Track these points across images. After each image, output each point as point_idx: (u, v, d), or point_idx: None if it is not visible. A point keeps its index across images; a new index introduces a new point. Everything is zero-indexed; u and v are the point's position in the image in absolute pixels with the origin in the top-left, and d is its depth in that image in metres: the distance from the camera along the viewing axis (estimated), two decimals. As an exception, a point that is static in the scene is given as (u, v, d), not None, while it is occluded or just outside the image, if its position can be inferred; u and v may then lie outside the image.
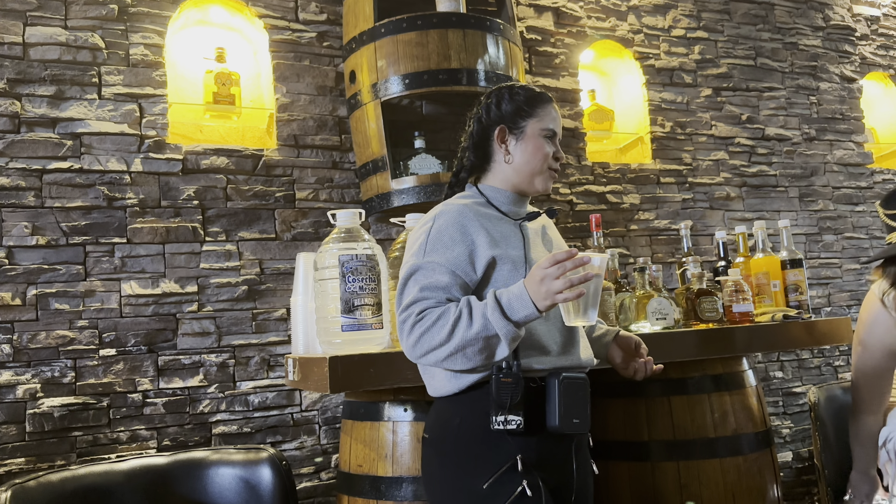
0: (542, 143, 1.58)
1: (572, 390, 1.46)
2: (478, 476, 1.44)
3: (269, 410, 2.56)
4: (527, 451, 1.45)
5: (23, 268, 2.32)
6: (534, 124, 1.59)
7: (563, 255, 1.33)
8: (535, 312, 1.36)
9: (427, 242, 1.49)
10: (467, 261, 1.47)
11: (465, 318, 1.39)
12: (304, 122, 2.76)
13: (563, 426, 1.44)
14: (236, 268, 2.58)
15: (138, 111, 2.52)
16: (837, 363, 3.71)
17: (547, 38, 3.26)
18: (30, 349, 2.29)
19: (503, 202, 1.60)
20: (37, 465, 2.24)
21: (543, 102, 1.62)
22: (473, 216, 1.52)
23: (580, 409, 1.47)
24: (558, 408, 1.44)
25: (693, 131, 3.53)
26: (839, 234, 3.81)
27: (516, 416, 1.41)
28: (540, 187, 1.60)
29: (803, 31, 3.91)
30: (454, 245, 1.48)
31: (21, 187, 2.35)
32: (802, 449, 3.51)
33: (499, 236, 1.52)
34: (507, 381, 1.41)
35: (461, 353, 1.40)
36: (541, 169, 1.58)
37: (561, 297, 1.32)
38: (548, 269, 1.33)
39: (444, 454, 1.51)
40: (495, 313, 1.36)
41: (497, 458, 1.44)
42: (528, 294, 1.35)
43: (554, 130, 1.61)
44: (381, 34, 2.52)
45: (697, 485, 2.08)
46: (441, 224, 1.51)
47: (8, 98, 2.37)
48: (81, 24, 2.49)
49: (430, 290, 1.44)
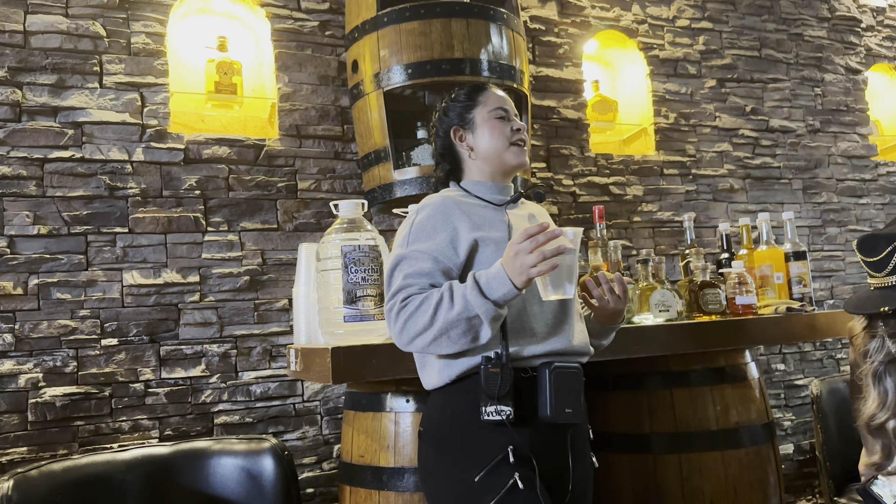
0: (495, 122, 1.61)
1: (564, 379, 1.45)
2: (470, 469, 1.43)
3: (271, 401, 2.56)
4: (519, 442, 1.43)
5: (24, 257, 2.31)
6: (481, 111, 1.63)
7: (534, 228, 1.34)
8: (514, 289, 1.36)
9: (410, 233, 1.53)
10: (449, 246, 1.50)
11: (446, 301, 1.40)
12: (307, 111, 2.75)
13: (554, 416, 1.43)
14: (238, 258, 2.58)
15: (140, 100, 2.51)
16: (839, 356, 3.70)
17: (551, 27, 3.24)
18: (31, 338, 2.29)
19: (485, 192, 1.63)
20: (39, 455, 2.25)
21: (482, 90, 1.66)
22: (455, 204, 1.56)
23: (573, 398, 1.46)
24: (549, 397, 1.43)
25: (697, 122, 3.51)
26: (843, 227, 3.80)
27: (506, 407, 1.40)
28: (513, 161, 1.62)
29: (808, 21, 3.89)
30: (436, 233, 1.51)
31: (22, 176, 2.34)
32: (804, 441, 3.51)
33: (481, 220, 1.54)
34: (496, 370, 1.41)
35: (445, 336, 1.41)
36: (504, 145, 1.61)
37: (535, 270, 1.32)
38: (521, 243, 1.34)
39: (437, 447, 1.51)
40: (473, 293, 1.38)
41: (489, 450, 1.43)
42: (504, 272, 1.36)
43: (503, 108, 1.63)
44: (383, 23, 2.50)
45: (699, 477, 2.08)
46: (425, 215, 1.55)
47: (9, 86, 2.35)
48: (82, 12, 2.47)
49: (413, 277, 1.47)
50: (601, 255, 2.27)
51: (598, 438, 1.68)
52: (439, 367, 1.51)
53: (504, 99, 1.66)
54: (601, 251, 2.28)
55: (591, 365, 1.85)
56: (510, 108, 1.66)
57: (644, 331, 2.07)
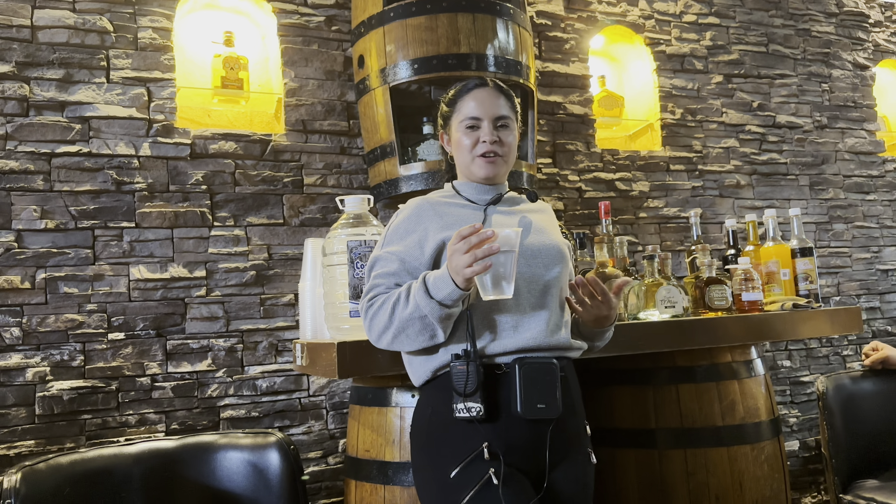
0: (462, 135, 1.61)
1: (534, 374, 1.44)
2: (447, 465, 1.45)
3: (276, 395, 2.57)
4: (494, 438, 1.44)
5: (32, 251, 2.32)
6: (454, 120, 1.64)
7: (467, 230, 1.37)
8: (457, 289, 1.38)
9: (386, 236, 1.60)
10: (417, 246, 1.54)
11: (402, 300, 1.46)
12: (313, 107, 2.75)
13: (525, 412, 1.42)
14: (244, 253, 2.58)
15: (146, 95, 2.52)
16: (846, 352, 3.69)
17: (557, 22, 3.23)
18: (39, 332, 2.30)
19: (469, 192, 1.65)
20: (46, 448, 2.26)
21: (462, 94, 1.64)
22: (430, 206, 1.60)
23: (546, 393, 1.44)
24: (519, 393, 1.43)
25: (703, 118, 3.50)
26: (850, 223, 3.79)
27: (475, 404, 1.41)
28: (479, 174, 1.62)
29: (816, 17, 3.87)
30: (408, 235, 1.56)
31: (30, 171, 2.35)
32: (809, 438, 3.51)
33: (453, 220, 1.56)
34: (462, 367, 1.42)
35: (403, 333, 1.47)
36: (469, 159, 1.61)
37: (469, 270, 1.35)
38: (455, 244, 1.37)
39: (419, 444, 1.55)
40: (420, 292, 1.42)
41: (464, 447, 1.44)
42: (448, 272, 1.39)
43: (473, 117, 1.60)
44: (389, 18, 2.50)
45: (704, 473, 2.08)
46: (399, 218, 1.61)
47: (17, 81, 2.36)
48: (90, 6, 2.48)
49: (381, 277, 1.54)
50: (607, 251, 2.27)
51: (603, 434, 1.68)
52: (418, 364, 1.56)
53: (483, 104, 1.61)
54: (607, 247, 2.28)
55: (597, 360, 1.85)
56: (486, 113, 1.60)
57: (650, 327, 2.06)
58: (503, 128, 1.62)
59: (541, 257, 1.56)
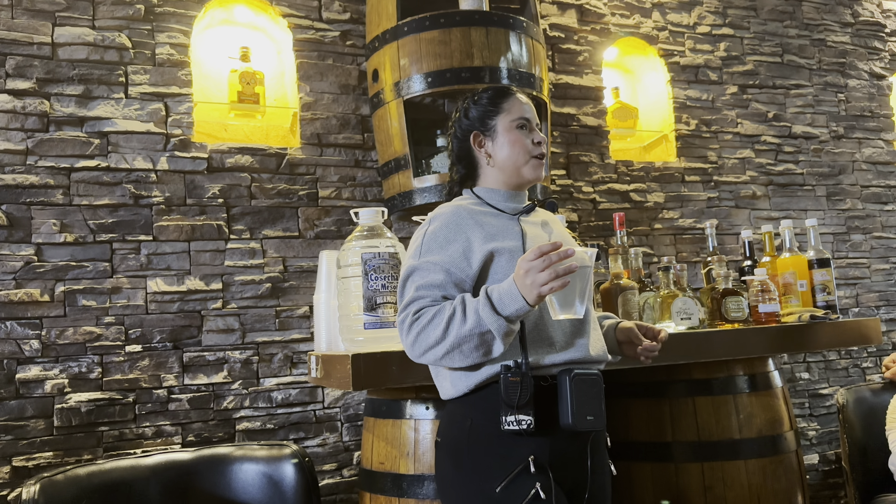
0: (517, 134, 1.59)
1: (584, 387, 1.43)
2: (491, 479, 1.42)
3: (291, 407, 2.58)
4: (539, 451, 1.42)
5: (51, 264, 2.35)
6: (503, 119, 1.60)
7: (547, 246, 1.33)
8: (526, 306, 1.35)
9: (423, 244, 1.52)
10: (462, 257, 1.48)
11: (458, 315, 1.40)
12: (328, 120, 2.77)
13: (576, 424, 1.41)
14: (260, 265, 2.60)
15: (164, 110, 2.55)
16: (865, 364, 3.65)
17: (570, 35, 3.24)
18: (58, 345, 2.33)
19: (499, 200, 1.61)
20: (64, 459, 2.28)
21: (507, 96, 1.62)
22: (468, 214, 1.54)
23: (594, 405, 1.44)
24: (571, 405, 1.41)
25: (718, 129, 3.49)
26: (868, 234, 3.75)
27: (526, 416, 1.39)
28: (530, 176, 1.60)
29: (831, 27, 3.85)
30: (449, 244, 1.50)
31: (50, 185, 2.38)
32: (829, 451, 3.46)
33: (495, 230, 1.52)
34: (515, 380, 1.40)
35: (457, 350, 1.41)
36: (524, 160, 1.59)
37: (546, 288, 1.32)
38: (532, 261, 1.33)
39: (456, 457, 1.49)
40: (486, 308, 1.37)
41: (509, 460, 1.42)
42: (516, 288, 1.35)
43: (525, 118, 1.60)
44: (403, 32, 2.52)
45: (722, 486, 2.06)
46: (437, 225, 1.53)
47: (37, 97, 2.40)
48: (109, 24, 2.52)
49: (425, 289, 1.46)
50: (622, 263, 2.26)
51: (620, 446, 1.67)
52: (457, 377, 1.50)
53: (528, 108, 1.63)
54: (622, 258, 2.27)
55: (613, 373, 1.84)
56: (533, 117, 1.63)
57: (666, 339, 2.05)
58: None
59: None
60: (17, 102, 2.37)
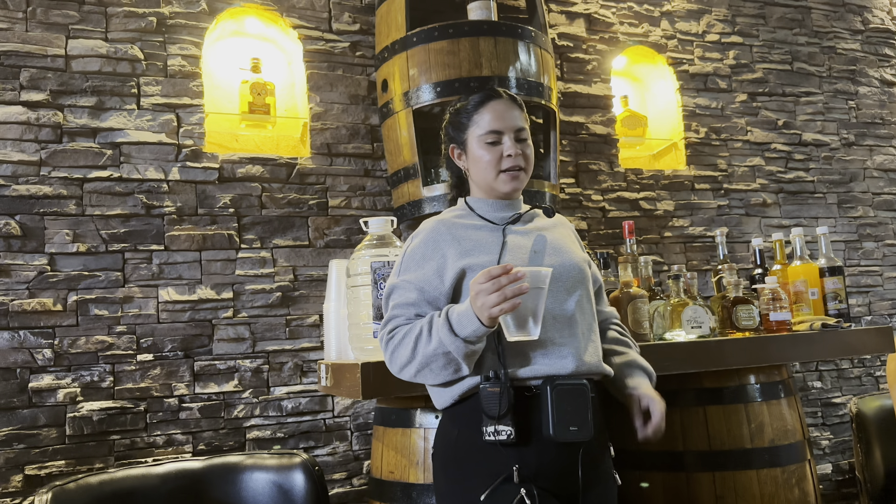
0: (483, 150, 1.56)
1: (567, 397, 1.41)
2: (475, 488, 1.41)
3: (302, 416, 2.58)
4: (523, 462, 1.40)
5: (64, 274, 2.37)
6: (472, 134, 1.57)
7: (497, 269, 1.32)
8: (482, 327, 1.35)
9: (402, 262, 1.56)
10: (435, 275, 1.50)
11: (424, 335, 1.42)
12: (337, 130, 2.79)
13: (557, 435, 1.39)
14: (270, 274, 2.61)
15: (176, 121, 2.57)
16: (878, 373, 3.61)
17: (579, 44, 3.25)
18: (70, 354, 2.35)
19: (486, 210, 1.60)
20: (76, 468, 2.29)
21: (478, 107, 1.58)
22: (447, 230, 1.55)
23: (578, 416, 1.41)
24: (552, 416, 1.39)
25: (728, 137, 3.48)
26: (880, 242, 3.73)
27: (505, 427, 1.38)
28: (503, 189, 1.57)
29: (841, 34, 3.84)
30: (424, 262, 1.52)
31: (63, 196, 2.40)
32: (843, 461, 3.43)
33: (471, 245, 1.51)
34: (494, 390, 1.39)
35: (427, 368, 1.43)
36: (493, 175, 1.56)
37: (496, 310, 1.31)
38: (482, 283, 1.32)
39: (445, 467, 1.51)
40: (444, 329, 1.38)
41: (493, 470, 1.41)
42: (472, 310, 1.35)
43: (495, 130, 1.55)
44: (412, 43, 2.54)
45: (734, 496, 2.05)
46: (416, 243, 1.56)
47: (51, 109, 2.43)
48: (121, 36, 2.55)
49: (400, 307, 1.50)
50: (631, 271, 2.26)
51: (629, 456, 1.66)
52: (440, 389, 1.52)
53: (506, 115, 1.57)
54: (631, 267, 2.27)
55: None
56: (510, 124, 1.56)
57: (676, 347, 2.04)
58: (523, 141, 1.57)
59: (562, 280, 1.52)
60: (32, 114, 2.40)
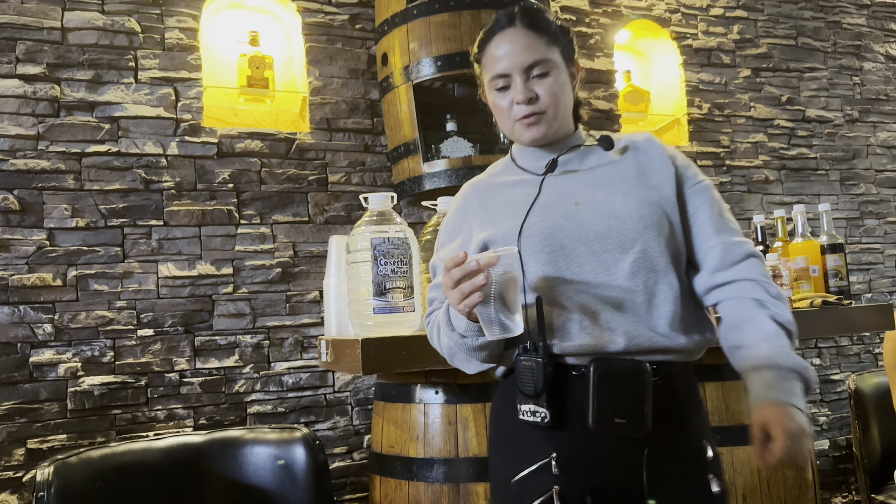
0: (495, 97, 1.35)
1: (614, 381, 1.16)
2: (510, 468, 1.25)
3: (302, 391, 2.59)
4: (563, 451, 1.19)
5: (63, 249, 2.37)
6: (485, 77, 1.37)
7: (450, 262, 1.13)
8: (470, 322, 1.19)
9: (440, 237, 1.47)
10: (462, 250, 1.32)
11: (443, 327, 1.30)
12: (337, 105, 2.77)
13: (598, 426, 1.16)
14: (270, 250, 2.61)
15: (174, 95, 2.55)
16: (877, 350, 3.63)
17: (582, 18, 3.21)
18: (70, 329, 2.35)
19: (524, 160, 1.40)
20: (78, 442, 2.30)
21: (485, 44, 1.35)
22: (476, 195, 1.40)
23: (627, 405, 1.16)
24: (592, 402, 1.16)
25: (731, 113, 3.45)
26: (882, 219, 3.71)
27: (541, 408, 1.18)
28: (524, 140, 1.36)
29: (847, 9, 3.80)
30: (454, 236, 1.41)
31: (61, 170, 2.39)
32: (840, 437, 3.45)
33: (497, 211, 1.34)
34: (528, 364, 1.18)
35: (455, 358, 1.34)
36: (509, 126, 1.36)
37: (462, 307, 1.13)
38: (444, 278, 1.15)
39: (490, 440, 1.38)
40: (447, 326, 1.27)
41: (530, 453, 1.22)
42: None
43: (501, 74, 1.31)
44: (413, 16, 2.50)
45: (731, 472, 2.06)
46: (447, 216, 1.47)
47: (48, 82, 2.41)
48: (118, 8, 2.52)
49: (434, 289, 1.41)
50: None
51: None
52: None
53: (507, 55, 1.31)
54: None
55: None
56: (514, 61, 1.30)
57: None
58: (541, 77, 1.30)
59: (611, 236, 1.24)
60: (28, 87, 2.38)
